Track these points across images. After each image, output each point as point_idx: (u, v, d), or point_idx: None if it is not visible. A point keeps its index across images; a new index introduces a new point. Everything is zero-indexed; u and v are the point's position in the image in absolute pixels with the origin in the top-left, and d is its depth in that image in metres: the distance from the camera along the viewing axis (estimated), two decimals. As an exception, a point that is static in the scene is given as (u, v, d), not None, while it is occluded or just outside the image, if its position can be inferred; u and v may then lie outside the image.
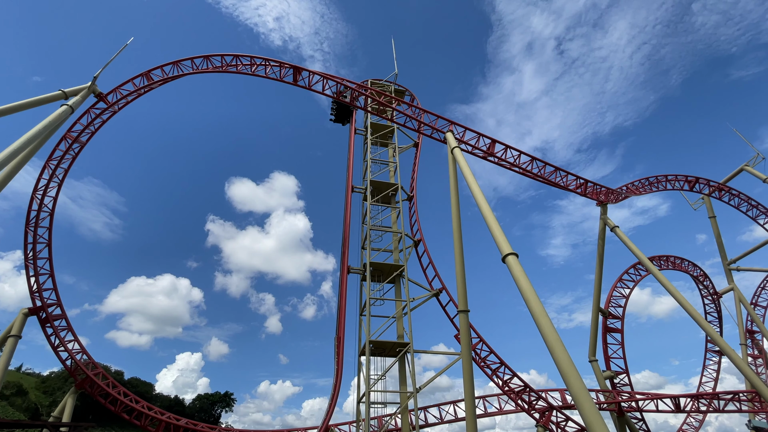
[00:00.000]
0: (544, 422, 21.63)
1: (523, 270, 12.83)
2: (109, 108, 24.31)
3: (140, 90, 24.76)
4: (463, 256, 19.20)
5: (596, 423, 9.37)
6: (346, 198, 25.21)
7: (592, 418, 9.48)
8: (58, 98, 20.06)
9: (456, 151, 19.78)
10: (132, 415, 23.71)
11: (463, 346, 18.25)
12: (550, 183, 26.37)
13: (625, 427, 26.73)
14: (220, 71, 24.47)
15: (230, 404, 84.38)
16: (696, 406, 24.75)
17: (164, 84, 25.54)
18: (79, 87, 21.72)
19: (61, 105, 19.61)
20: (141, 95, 25.45)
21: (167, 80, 25.02)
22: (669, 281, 23.89)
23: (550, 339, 10.88)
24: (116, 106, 24.71)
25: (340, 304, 21.10)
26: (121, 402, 23.83)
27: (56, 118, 18.71)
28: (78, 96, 21.13)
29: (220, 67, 24.34)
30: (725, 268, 35.91)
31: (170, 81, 25.27)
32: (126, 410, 23.82)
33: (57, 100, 20.00)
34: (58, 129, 19.81)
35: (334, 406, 18.31)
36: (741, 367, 21.23)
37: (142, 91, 25.00)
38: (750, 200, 34.54)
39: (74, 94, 20.99)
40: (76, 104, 20.61)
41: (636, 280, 35.23)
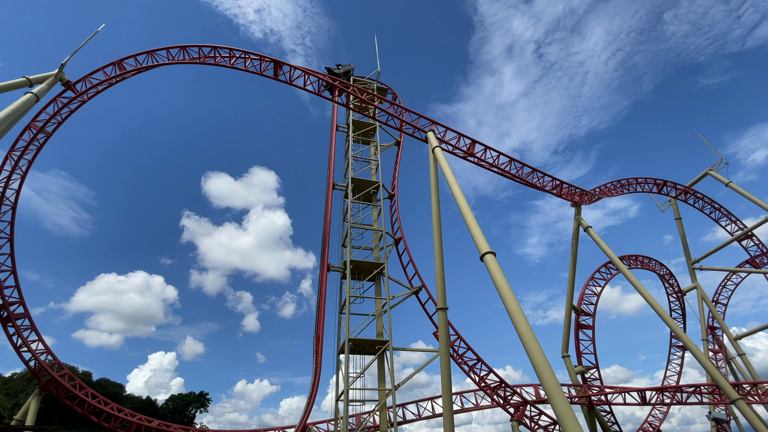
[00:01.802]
0: (518, 417, 22.21)
1: (500, 268, 13.11)
2: (77, 97, 23.22)
3: (111, 79, 23.76)
4: (442, 254, 19.43)
5: (567, 417, 9.71)
6: (327, 195, 25.05)
7: (563, 412, 9.82)
8: (22, 85, 19.01)
9: (437, 150, 19.96)
10: (101, 417, 22.86)
11: (442, 343, 18.50)
12: (527, 183, 26.98)
13: (594, 420, 27.78)
14: (197, 63, 23.78)
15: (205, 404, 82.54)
16: (660, 398, 25.97)
17: (138, 74, 24.60)
18: (45, 74, 20.65)
19: (26, 93, 18.61)
20: (112, 85, 24.43)
21: (141, 70, 24.12)
22: (637, 280, 24.94)
23: (525, 336, 11.18)
24: (85, 96, 23.62)
25: (320, 302, 20.98)
26: (89, 404, 22.93)
27: (20, 107, 17.73)
28: (44, 84, 20.09)
29: (198, 59, 23.65)
30: (689, 268, 37.71)
31: (144, 71, 24.37)
32: (94, 412, 22.95)
33: (21, 87, 18.96)
34: (21, 118, 18.78)
35: (312, 404, 18.22)
36: (702, 362, 22.41)
37: (113, 81, 24.00)
38: (713, 203, 36.40)
39: (40, 82, 19.95)
40: (41, 92, 19.59)
41: (607, 278, 36.58)
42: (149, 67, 24.20)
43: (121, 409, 23.66)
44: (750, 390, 25.28)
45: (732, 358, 34.42)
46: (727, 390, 20.71)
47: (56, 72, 21.21)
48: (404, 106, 23.69)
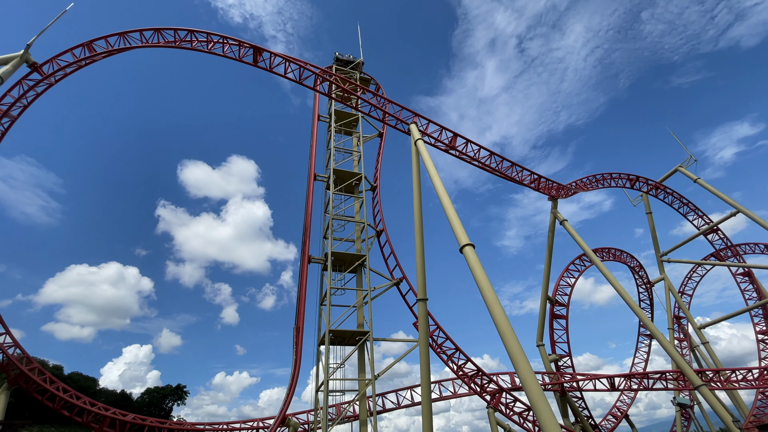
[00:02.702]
0: (494, 404, 22.89)
1: (479, 260, 13.36)
2: (44, 80, 22.07)
3: (81, 62, 22.68)
4: (423, 246, 19.62)
5: (541, 403, 10.09)
6: (308, 186, 24.81)
7: (537, 398, 10.19)
8: (-17, 66, 17.95)
9: (419, 143, 20.02)
10: (73, 411, 22.25)
11: (421, 333, 18.79)
12: (506, 177, 27.45)
13: (566, 406, 28.94)
14: (172, 47, 22.94)
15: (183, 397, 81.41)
16: (628, 384, 27.25)
17: (109, 57, 23.56)
18: (9, 55, 19.56)
19: (-13, 74, 17.57)
20: (82, 68, 23.33)
21: (112, 53, 23.10)
22: (609, 272, 25.89)
23: (502, 326, 11.48)
24: (53, 78, 22.49)
25: (300, 294, 20.91)
26: (60, 398, 22.27)
27: (-20, 89, 16.74)
28: (8, 65, 19.02)
29: (173, 42, 22.82)
30: (658, 260, 39.39)
31: (116, 54, 23.35)
32: (66, 407, 22.31)
33: (-19, 67, 17.90)
34: (-18, 100, 17.76)
35: (291, 395, 18.25)
36: (668, 350, 23.58)
37: (83, 63, 22.92)
38: (682, 198, 37.97)
39: (4, 63, 18.89)
40: (6, 74, 18.55)
41: (581, 270, 37.80)
42: (121, 50, 23.20)
43: (94, 403, 23.08)
44: (712, 377, 26.80)
45: (696, 346, 36.30)
46: (691, 377, 21.90)
47: (22, 53, 20.10)
48: (387, 98, 23.59)
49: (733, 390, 29.21)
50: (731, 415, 20.74)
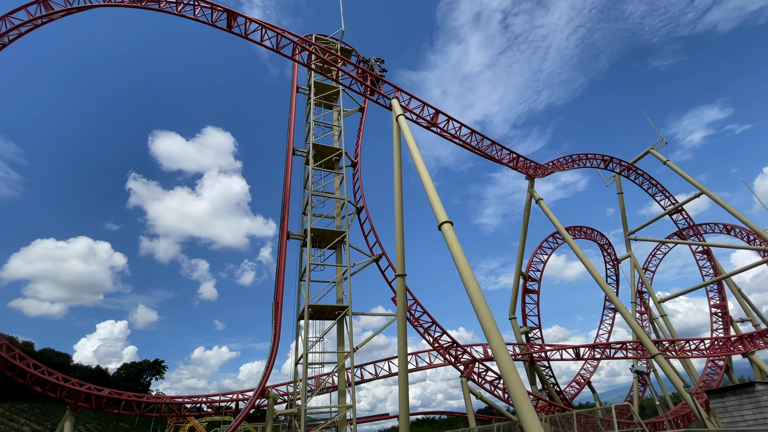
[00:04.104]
0: (467, 373, 23.99)
1: (457, 237, 13.62)
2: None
3: (36, 20, 20.88)
4: (403, 223, 19.79)
5: (510, 372, 10.65)
6: (286, 161, 24.29)
7: (506, 367, 10.75)
8: None
9: (401, 119, 19.78)
10: (46, 387, 21.87)
11: (399, 307, 19.24)
12: (486, 156, 27.67)
13: (534, 374, 30.67)
14: (138, 6, 21.37)
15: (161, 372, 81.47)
16: (592, 354, 29.04)
17: (68, 15, 21.77)
18: (-49, 8, 17.70)
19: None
20: (38, 27, 21.51)
21: (71, 11, 21.33)
22: (580, 249, 26.95)
23: (476, 300, 11.89)
24: (6, 38, 20.67)
25: (279, 270, 20.86)
26: (31, 375, 21.80)
27: None
28: (-50, 20, 17.27)
29: (139, 2, 21.25)
30: (626, 238, 41.26)
31: (76, 12, 21.58)
32: (38, 383, 21.89)
33: None
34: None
35: (271, 368, 18.52)
36: (629, 322, 25.12)
37: (38, 23, 21.12)
38: (651, 179, 39.48)
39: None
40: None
41: (554, 247, 39.22)
42: (83, 8, 21.45)
43: (68, 378, 22.72)
44: (668, 346, 28.86)
45: (655, 318, 38.79)
46: (648, 346, 23.50)
47: (-35, 6, 18.26)
48: (369, 71, 23.01)
49: (686, 359, 31.62)
50: (683, 381, 22.56)
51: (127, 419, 65.10)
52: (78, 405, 21.37)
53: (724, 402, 17.75)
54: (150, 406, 24.62)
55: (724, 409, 17.66)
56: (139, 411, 23.90)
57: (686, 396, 19.91)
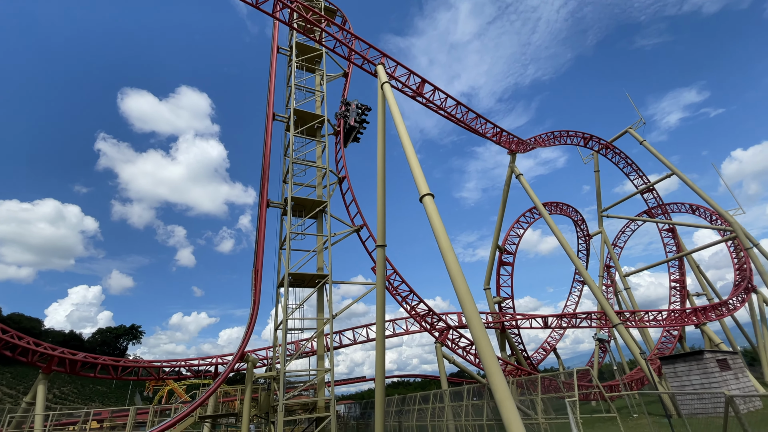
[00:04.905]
0: (442, 339, 25.03)
1: (437, 210, 13.76)
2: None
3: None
4: (385, 194, 19.76)
5: (482, 338, 11.17)
6: (266, 126, 23.50)
7: (479, 334, 11.26)
8: None
9: (386, 86, 19.28)
10: (16, 352, 21.49)
11: (378, 277, 19.57)
12: (470, 129, 27.57)
13: (505, 341, 32.32)
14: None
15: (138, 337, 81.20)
16: (559, 323, 30.73)
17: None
18: None
19: None
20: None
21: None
22: (555, 224, 27.82)
23: (453, 271, 12.21)
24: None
25: (259, 238, 20.66)
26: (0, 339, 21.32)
27: None
28: None
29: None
30: (599, 215, 42.77)
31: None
32: (8, 347, 21.46)
33: None
34: None
35: (250, 333, 18.73)
36: (595, 293, 26.53)
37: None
38: (627, 159, 40.54)
39: None
40: None
41: (530, 222, 40.31)
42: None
43: (39, 343, 22.36)
44: (629, 317, 30.79)
45: (620, 291, 41.09)
46: (611, 316, 25.01)
47: None
48: (354, 33, 22.07)
49: (645, 328, 33.94)
50: (639, 349, 24.31)
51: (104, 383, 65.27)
52: (51, 369, 21.18)
53: (675, 368, 19.34)
54: (127, 369, 24.68)
55: (675, 374, 19.27)
56: (116, 375, 23.96)
57: (641, 362, 21.52)
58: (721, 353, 19.23)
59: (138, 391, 59.09)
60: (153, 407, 21.09)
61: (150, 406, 21.82)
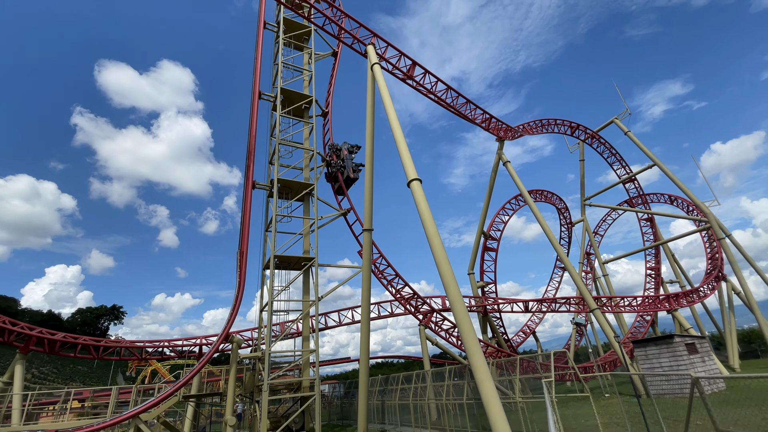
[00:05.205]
0: (425, 322, 25.53)
1: (424, 195, 13.81)
2: None
3: None
4: (372, 178, 19.68)
5: (464, 321, 11.44)
6: (252, 105, 22.90)
7: (461, 317, 11.53)
8: None
9: (376, 67, 18.95)
10: (-9, 330, 20.99)
11: (365, 260, 19.67)
12: (460, 115, 27.47)
13: (486, 324, 33.18)
14: None
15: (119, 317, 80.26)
16: (539, 307, 31.65)
17: None
18: None
19: None
20: None
21: None
22: (540, 212, 28.30)
23: (439, 256, 12.37)
24: None
25: (244, 220, 20.40)
26: (-27, 317, 20.74)
27: None
28: None
29: None
30: (582, 203, 43.65)
31: None
32: (-18, 326, 20.92)
33: None
34: None
35: (235, 314, 18.71)
36: (575, 279, 27.33)
37: None
38: (612, 149, 41.22)
39: None
40: None
41: (515, 209, 40.87)
42: None
43: (16, 322, 21.87)
44: (606, 302, 31.89)
45: (598, 277, 42.40)
46: (589, 301, 25.86)
47: None
48: (344, 11, 21.49)
49: (620, 313, 35.27)
50: (614, 332, 25.32)
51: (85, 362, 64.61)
52: (29, 349, 20.82)
53: (646, 351, 20.25)
54: (109, 350, 24.45)
55: (646, 356, 20.19)
56: (98, 355, 23.72)
57: (615, 345, 22.46)
58: (690, 338, 20.20)
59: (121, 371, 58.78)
60: (136, 387, 21.04)
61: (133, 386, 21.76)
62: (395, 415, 19.47)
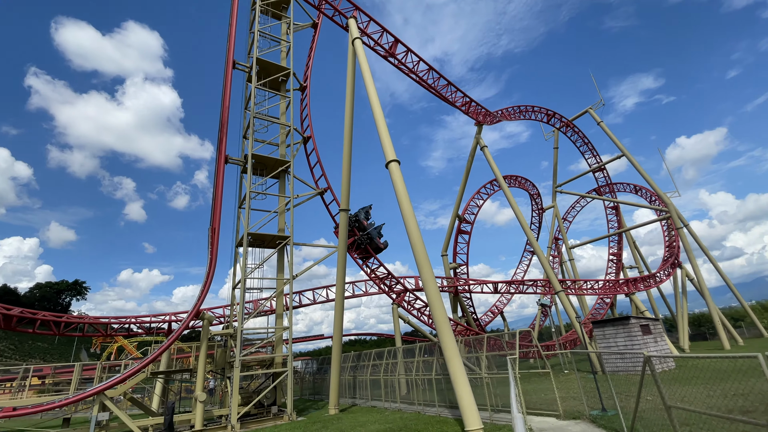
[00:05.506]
0: (399, 301, 26.02)
1: (402, 177, 13.79)
2: None
3: None
4: (351, 157, 19.43)
5: (436, 301, 11.74)
6: (225, 75, 21.84)
7: (433, 297, 11.81)
8: None
9: (357, 42, 18.41)
10: (-61, 304, 19.71)
11: (340, 240, 19.65)
12: (440, 96, 27.31)
13: (457, 304, 34.21)
14: None
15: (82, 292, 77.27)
16: (508, 289, 32.87)
17: None
18: None
19: None
20: None
21: None
22: (513, 197, 28.98)
23: (414, 238, 12.50)
24: None
25: (216, 195, 19.75)
26: None
27: None
28: None
29: None
30: (553, 190, 44.99)
31: None
32: (-72, 299, 19.60)
33: None
34: None
35: (206, 291, 18.35)
36: (543, 263, 28.42)
37: None
38: (585, 138, 42.37)
39: None
40: None
41: (490, 193, 41.66)
42: None
43: (-32, 295, 20.63)
44: (570, 285, 33.45)
45: (565, 261, 44.29)
46: (554, 284, 27.04)
47: None
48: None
49: (582, 296, 37.17)
50: (576, 313, 26.74)
51: (45, 339, 62.15)
52: (-17, 323, 19.77)
53: (604, 331, 21.54)
54: (71, 326, 23.58)
55: (603, 336, 21.49)
56: (59, 331, 22.85)
57: (576, 325, 23.75)
58: (645, 319, 21.62)
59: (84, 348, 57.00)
60: (101, 364, 20.49)
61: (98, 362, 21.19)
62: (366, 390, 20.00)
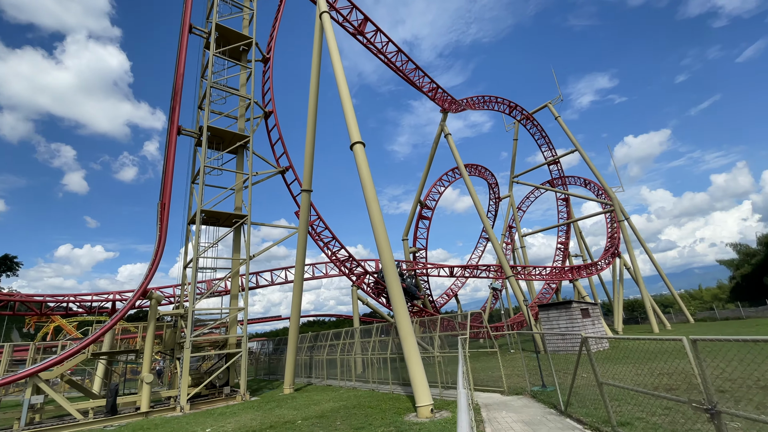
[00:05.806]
0: (358, 283, 26.26)
1: (366, 159, 13.71)
2: None
3: None
4: (314, 136, 18.97)
5: (394, 283, 11.98)
6: (180, 39, 20.29)
7: (392, 280, 12.04)
8: None
9: (325, 17, 17.73)
10: None
11: (301, 221, 19.34)
12: (408, 80, 27.18)
13: (415, 288, 35.07)
14: None
15: (12, 268, 70.63)
16: (463, 273, 34.20)
17: None
18: None
19: None
20: None
21: None
22: (473, 185, 29.84)
23: (375, 221, 12.58)
24: None
25: (167, 167, 18.57)
26: None
27: None
28: None
29: None
30: (510, 180, 46.82)
31: None
32: None
33: None
34: None
35: (155, 269, 17.42)
36: (496, 249, 29.75)
37: None
38: (543, 131, 44.19)
39: None
40: None
41: (451, 181, 42.60)
42: None
43: None
44: (520, 271, 35.36)
45: (517, 249, 46.63)
46: (506, 269, 28.46)
47: None
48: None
49: (531, 281, 39.51)
50: (524, 297, 28.43)
51: (-33, 316, 56.42)
52: None
53: (548, 314, 23.13)
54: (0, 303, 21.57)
55: (547, 318, 23.09)
56: (-17, 308, 20.83)
57: (523, 308, 25.30)
58: (585, 304, 23.44)
59: (16, 328, 52.53)
60: (34, 344, 19.00)
61: (31, 343, 19.64)
62: (322, 370, 20.21)
